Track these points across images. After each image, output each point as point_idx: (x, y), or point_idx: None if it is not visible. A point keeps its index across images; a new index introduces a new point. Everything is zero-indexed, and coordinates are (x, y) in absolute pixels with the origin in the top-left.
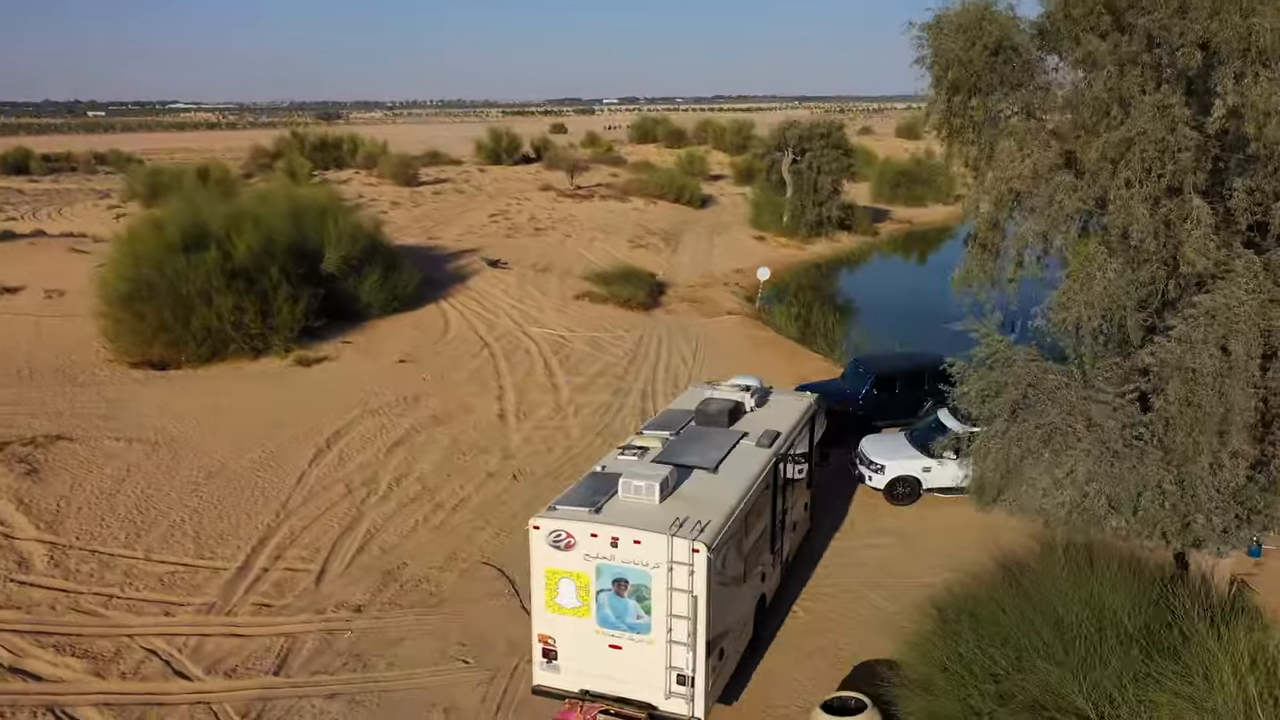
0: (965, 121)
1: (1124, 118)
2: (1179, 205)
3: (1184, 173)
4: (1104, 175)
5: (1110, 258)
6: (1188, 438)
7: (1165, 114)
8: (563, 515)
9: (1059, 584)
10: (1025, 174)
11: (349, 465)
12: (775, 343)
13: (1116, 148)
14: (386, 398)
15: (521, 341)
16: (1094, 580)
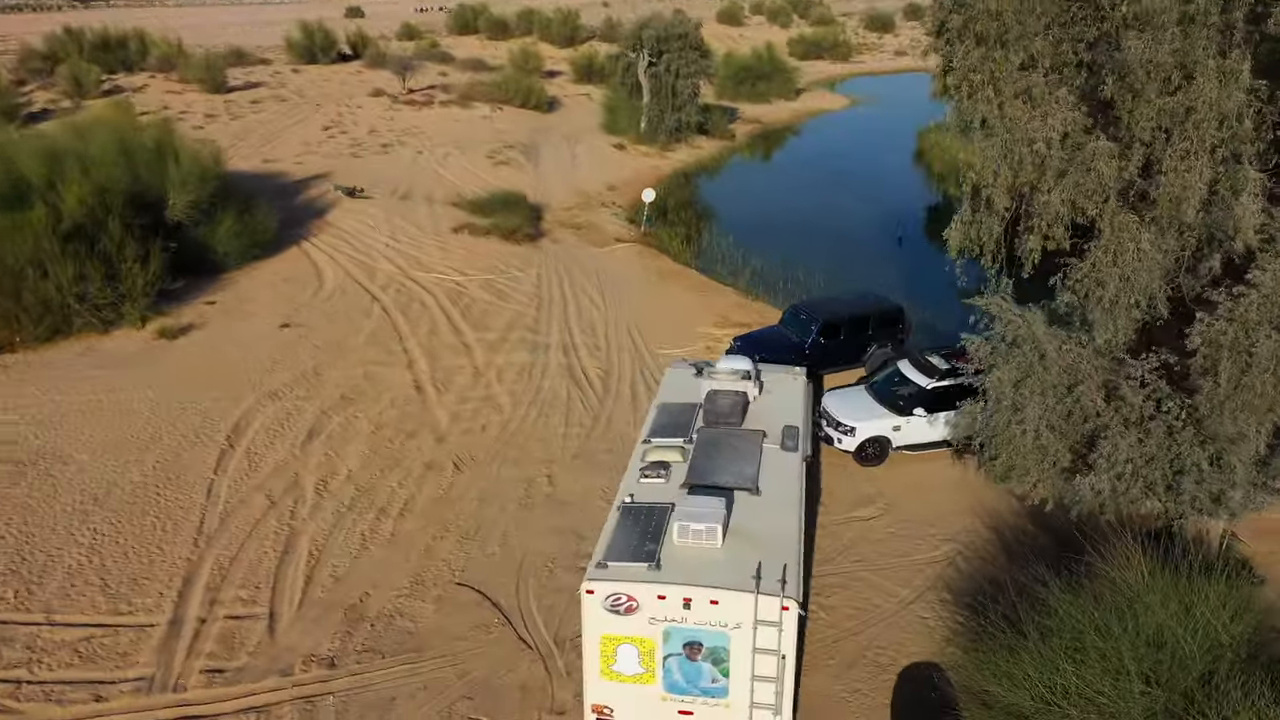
0: (986, 78)
1: (1182, 83)
2: (1232, 175)
3: (1243, 142)
4: (1157, 143)
5: (1143, 228)
6: (1234, 419)
7: (1232, 81)
8: (619, 575)
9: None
10: (1054, 137)
11: (262, 468)
12: (679, 274)
13: (1173, 114)
14: (281, 376)
15: (413, 291)
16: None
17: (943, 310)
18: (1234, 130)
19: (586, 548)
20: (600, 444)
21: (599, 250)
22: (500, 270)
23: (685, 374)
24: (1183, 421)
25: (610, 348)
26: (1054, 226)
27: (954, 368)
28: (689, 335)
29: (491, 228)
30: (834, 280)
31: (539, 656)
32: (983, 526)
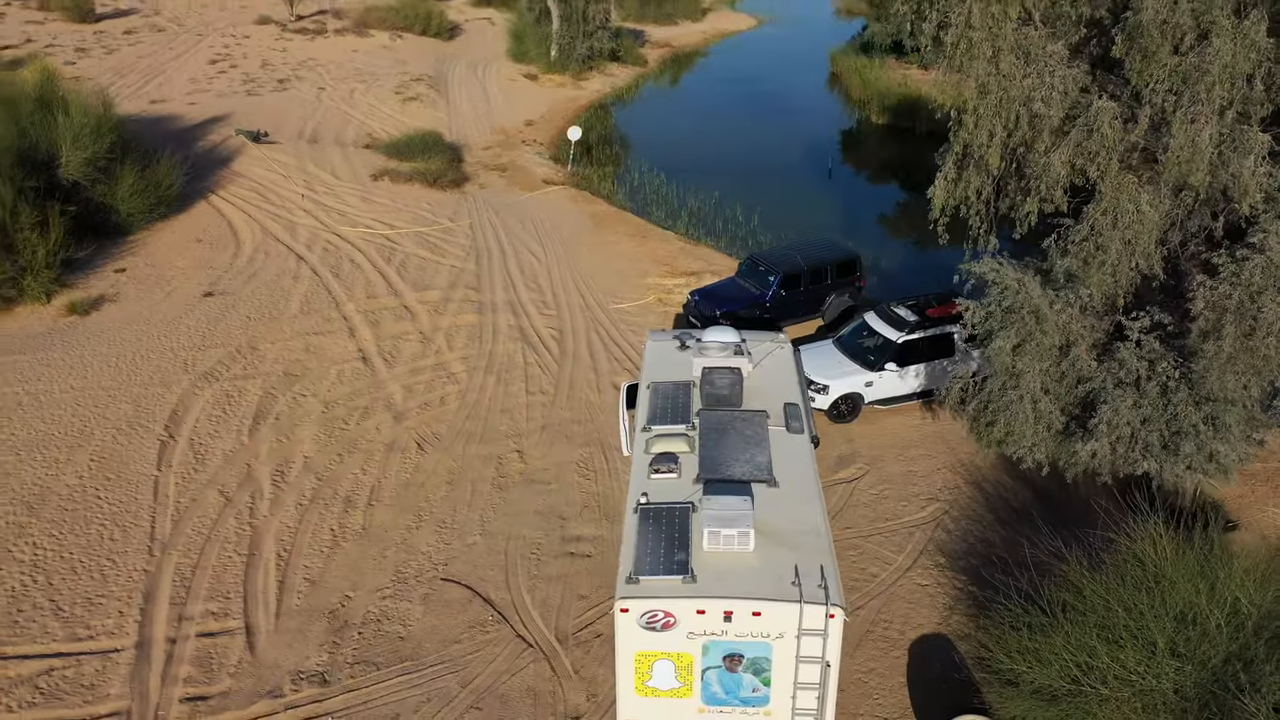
0: (984, 34)
1: (1195, 44)
2: (1240, 137)
3: (1253, 104)
4: (1167, 104)
5: (1141, 189)
6: (1236, 381)
7: (1248, 42)
8: (653, 590)
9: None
10: (1053, 95)
11: (210, 461)
12: (615, 219)
13: (1186, 76)
14: (214, 353)
15: (341, 249)
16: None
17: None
18: (1245, 92)
19: (571, 530)
20: (566, 412)
21: (529, 195)
22: (430, 221)
23: (669, 347)
24: (1177, 382)
25: (560, 305)
26: (1053, 189)
27: (922, 319)
28: (638, 287)
29: (414, 174)
30: (771, 219)
31: (542, 655)
32: (963, 483)
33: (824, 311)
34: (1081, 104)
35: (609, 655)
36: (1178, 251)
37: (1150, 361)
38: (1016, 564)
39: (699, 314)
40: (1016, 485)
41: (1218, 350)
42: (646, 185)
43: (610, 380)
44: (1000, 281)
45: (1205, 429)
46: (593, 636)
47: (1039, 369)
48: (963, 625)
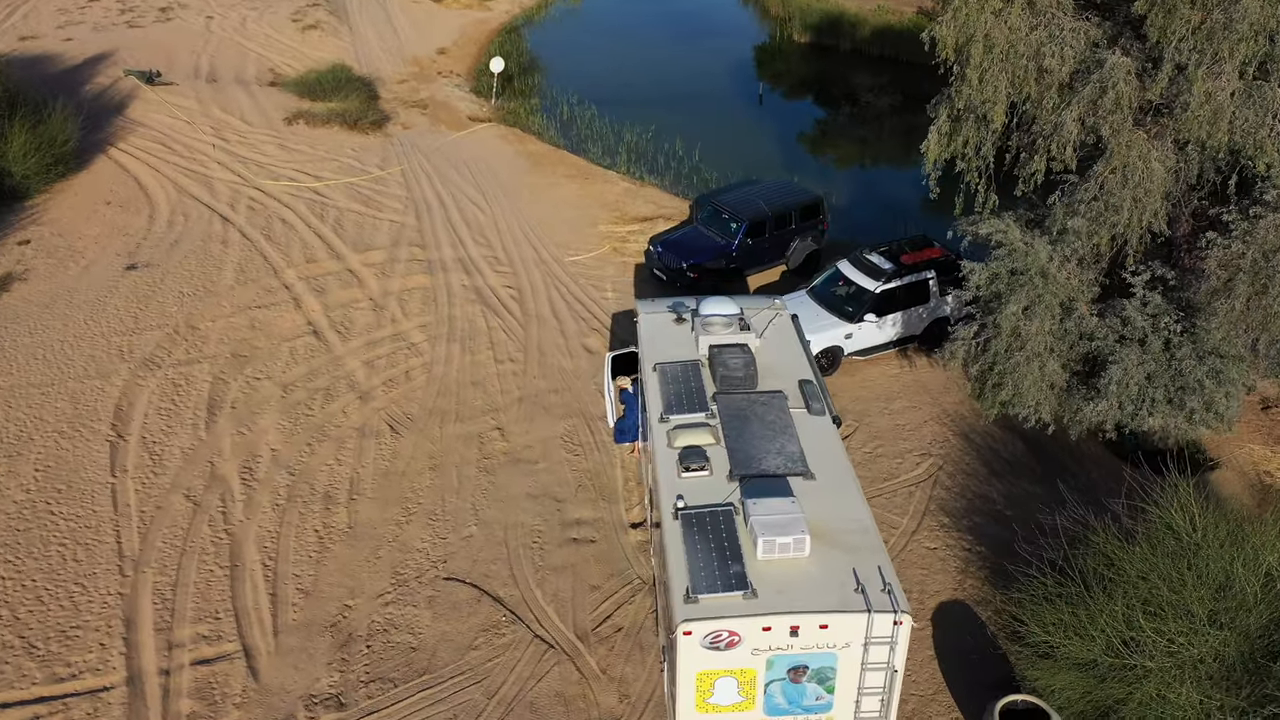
0: None
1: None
2: (1257, 94)
3: (1275, 61)
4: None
5: (1152, 146)
6: (1248, 336)
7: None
8: (714, 609)
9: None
10: (1065, 52)
11: (169, 461)
12: (552, 158)
13: (1210, 32)
14: (150, 336)
15: (268, 207)
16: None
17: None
18: (1267, 50)
19: (569, 513)
20: (540, 381)
21: (457, 135)
22: (359, 170)
23: (665, 320)
24: (1180, 337)
25: (513, 260)
26: (1064, 147)
27: (898, 267)
28: (591, 236)
29: (331, 115)
30: (713, 154)
31: (564, 655)
32: (952, 435)
33: (789, 257)
34: (1091, 59)
35: (634, 651)
36: (1181, 207)
37: (1154, 317)
38: (1022, 522)
39: (664, 267)
40: (1004, 434)
41: (1229, 308)
42: (578, 119)
43: (580, 343)
44: (1008, 243)
45: (1210, 383)
46: (613, 631)
47: (1046, 329)
48: (978, 589)
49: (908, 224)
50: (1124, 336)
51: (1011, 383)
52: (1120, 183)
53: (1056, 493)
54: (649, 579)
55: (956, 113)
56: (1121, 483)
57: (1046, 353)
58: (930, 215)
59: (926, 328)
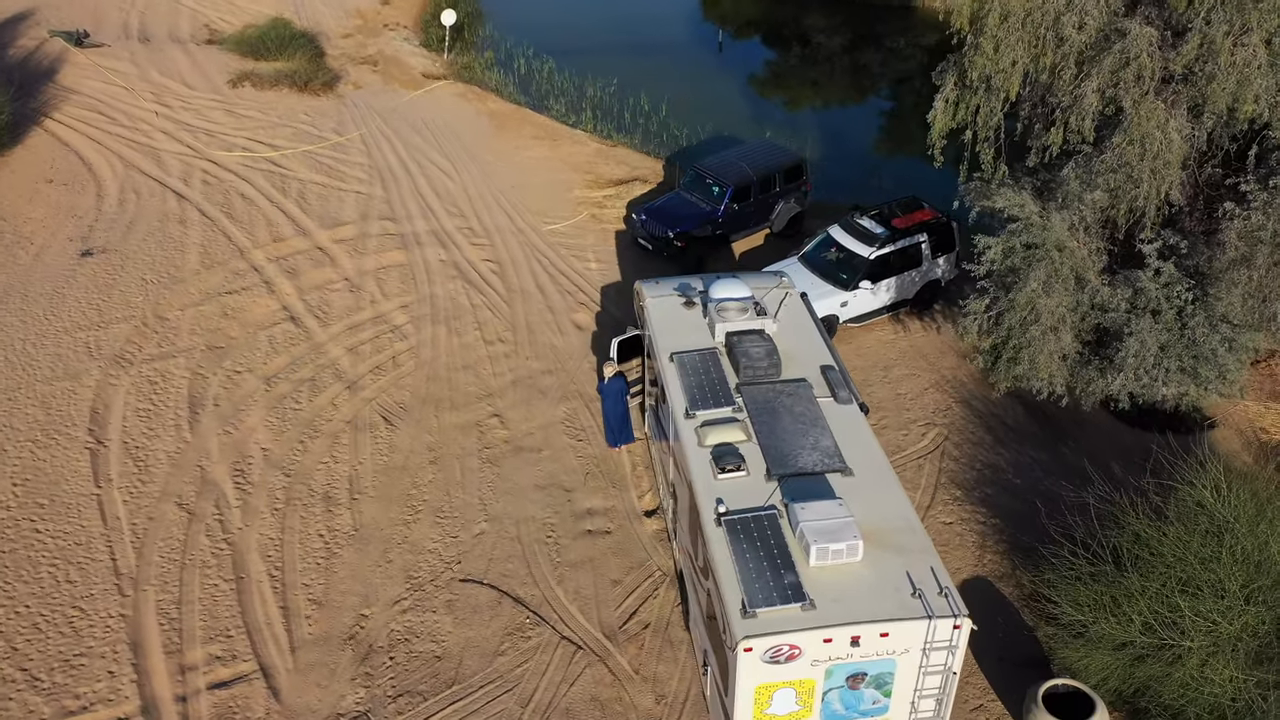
0: None
1: None
2: None
3: None
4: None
5: (1171, 116)
6: (1267, 307)
7: None
8: (773, 623)
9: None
10: (1086, 22)
11: (155, 468)
12: (516, 118)
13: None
14: (118, 330)
15: (224, 180)
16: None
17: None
18: None
19: (580, 503)
20: (533, 363)
21: (413, 94)
22: (316, 137)
23: (673, 304)
24: (1193, 306)
25: (489, 232)
26: (1083, 119)
27: (892, 232)
28: (567, 203)
29: (278, 77)
30: (681, 108)
31: (594, 656)
32: (953, 402)
33: (773, 220)
34: (1111, 28)
35: (665, 648)
36: (1195, 175)
37: (1166, 286)
38: (1031, 492)
39: (649, 236)
40: (1004, 399)
41: (1248, 279)
42: (536, 74)
43: (569, 319)
44: (1024, 217)
45: (1223, 351)
46: (640, 628)
47: (1063, 303)
48: (998, 565)
49: (881, 175)
50: (1135, 306)
51: (1028, 357)
52: (1139, 154)
53: (1061, 458)
54: (670, 571)
55: (969, 83)
56: (1120, 444)
57: (1061, 325)
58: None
59: (919, 291)
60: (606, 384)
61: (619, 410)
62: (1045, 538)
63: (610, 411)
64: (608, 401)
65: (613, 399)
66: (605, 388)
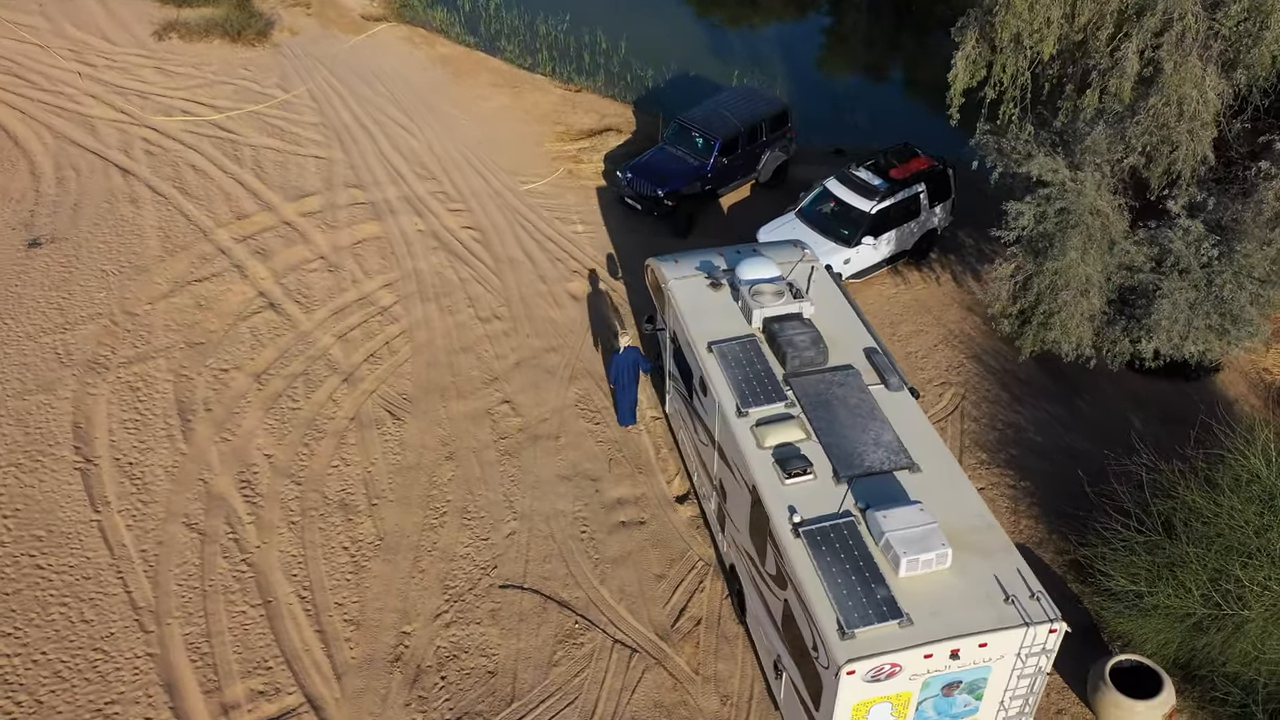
0: None
1: None
2: None
3: None
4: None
5: (1207, 75)
6: None
7: None
8: (873, 643)
9: None
10: None
11: (154, 485)
12: (472, 63)
13: None
14: (85, 330)
15: (169, 150)
16: None
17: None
18: None
19: (609, 493)
20: (534, 340)
21: (356, 40)
22: (259, 95)
23: (699, 287)
24: (1221, 264)
25: (464, 195)
26: (1123, 81)
27: (891, 184)
28: (539, 158)
29: (208, 26)
30: (642, 46)
31: (651, 659)
32: (965, 359)
33: (759, 171)
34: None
35: (722, 644)
36: (1224, 131)
37: (1195, 244)
38: (1055, 450)
39: (638, 195)
40: (1012, 351)
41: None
42: (481, 11)
43: (564, 289)
44: (1058, 182)
45: (1251, 308)
46: (693, 624)
47: (1098, 268)
48: (1034, 531)
49: (854, 112)
50: (1163, 264)
51: (1059, 322)
52: (1176, 115)
53: (1079, 413)
54: (710, 559)
55: (997, 42)
56: (1132, 392)
57: (1091, 288)
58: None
59: (916, 241)
60: (621, 355)
61: (632, 390)
62: (1080, 502)
63: (622, 390)
64: (621, 375)
65: (627, 374)
66: (619, 359)
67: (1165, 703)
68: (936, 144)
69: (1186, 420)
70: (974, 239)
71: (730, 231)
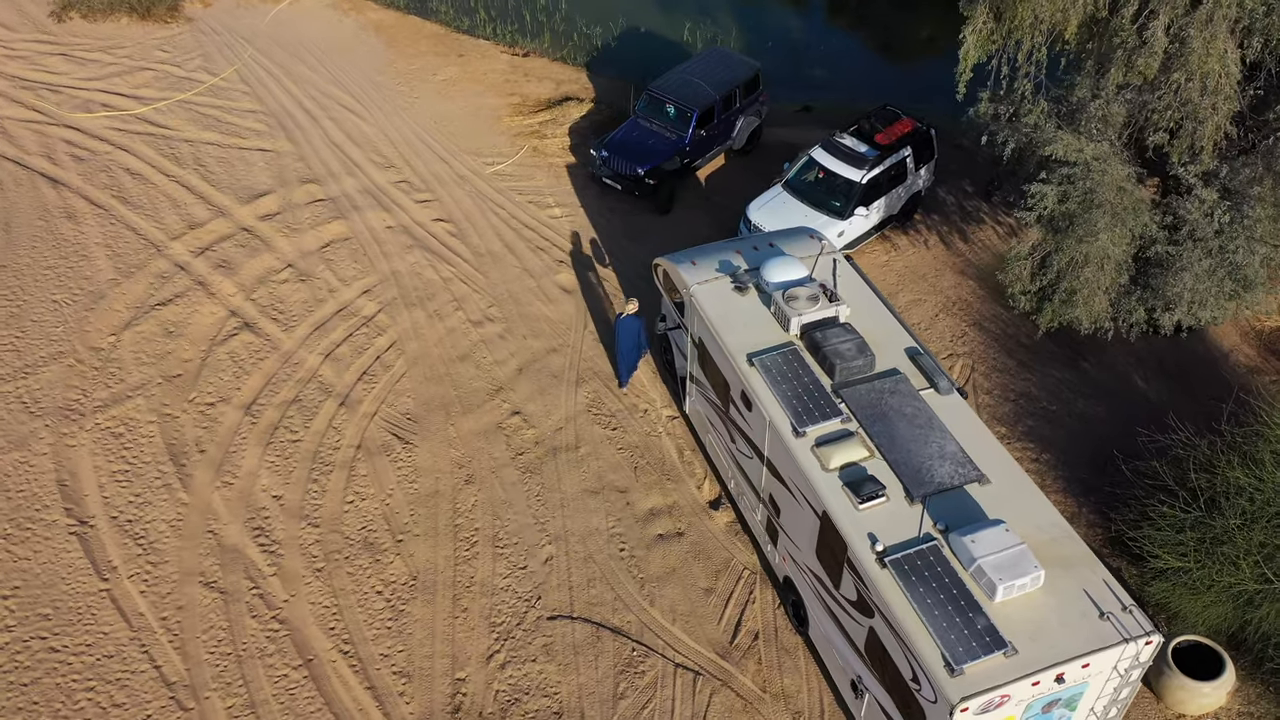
0: None
1: None
2: None
3: None
4: None
5: (1227, 46)
6: None
7: None
8: (983, 679)
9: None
10: None
11: (160, 543)
12: (408, 29)
13: None
14: (49, 374)
15: (97, 154)
16: None
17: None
18: None
19: (640, 504)
20: (533, 341)
21: (276, 8)
22: (184, 81)
23: (722, 290)
24: (1230, 228)
25: (428, 183)
26: (1151, 60)
27: (879, 151)
28: (500, 135)
29: (113, 2)
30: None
31: (716, 680)
32: (967, 327)
33: (734, 138)
34: None
35: (784, 657)
36: (1239, 100)
37: (1209, 213)
38: (1071, 417)
39: (616, 175)
40: (1010, 315)
41: None
42: None
43: (552, 280)
44: (1081, 161)
45: (1263, 272)
46: (751, 639)
47: (1122, 245)
48: (1062, 505)
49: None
50: (1175, 230)
51: (1082, 299)
52: (1199, 90)
53: (1085, 376)
54: (755, 567)
55: (1016, 19)
56: (1132, 350)
57: (1109, 262)
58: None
59: (903, 205)
60: (623, 320)
61: (633, 356)
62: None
63: (624, 351)
64: (623, 341)
65: (628, 341)
66: (622, 324)
67: (1229, 681)
68: (896, 95)
69: (1187, 374)
70: (955, 196)
71: (709, 203)
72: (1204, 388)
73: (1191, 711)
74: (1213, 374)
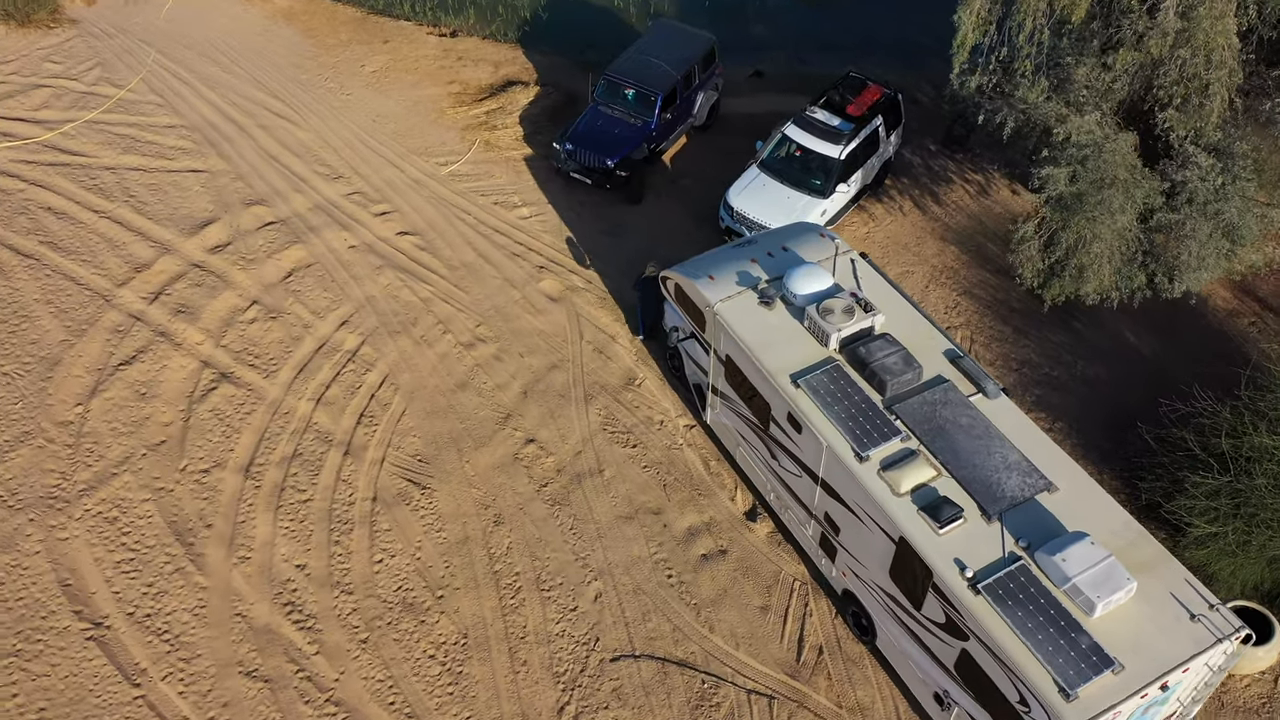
0: None
1: None
2: None
3: None
4: None
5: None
6: None
7: None
8: (1097, 701)
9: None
10: None
11: (186, 635)
12: (322, 14)
13: None
14: (20, 459)
15: (12, 195)
16: None
17: None
18: None
19: (677, 525)
20: (530, 359)
21: (172, 2)
22: (85, 95)
23: (749, 306)
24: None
25: (383, 193)
26: (1164, 39)
27: (853, 124)
28: (447, 130)
29: None
30: None
31: (792, 703)
32: (958, 295)
33: (695, 115)
34: None
35: (852, 670)
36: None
37: (1205, 178)
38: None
39: (584, 168)
40: (997, 279)
41: None
42: None
43: (536, 289)
44: (1092, 143)
45: (1255, 228)
46: (816, 654)
47: (1131, 220)
48: None
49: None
50: (1173, 196)
51: (1093, 274)
52: (1204, 65)
53: (1080, 336)
54: (804, 576)
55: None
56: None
57: (1119, 238)
58: None
59: (876, 174)
60: (645, 279)
61: (652, 310)
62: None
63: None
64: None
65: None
66: (644, 282)
67: (1278, 644)
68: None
69: (1174, 327)
70: (920, 156)
71: (677, 186)
72: (1193, 339)
73: (1244, 671)
74: (1198, 323)
